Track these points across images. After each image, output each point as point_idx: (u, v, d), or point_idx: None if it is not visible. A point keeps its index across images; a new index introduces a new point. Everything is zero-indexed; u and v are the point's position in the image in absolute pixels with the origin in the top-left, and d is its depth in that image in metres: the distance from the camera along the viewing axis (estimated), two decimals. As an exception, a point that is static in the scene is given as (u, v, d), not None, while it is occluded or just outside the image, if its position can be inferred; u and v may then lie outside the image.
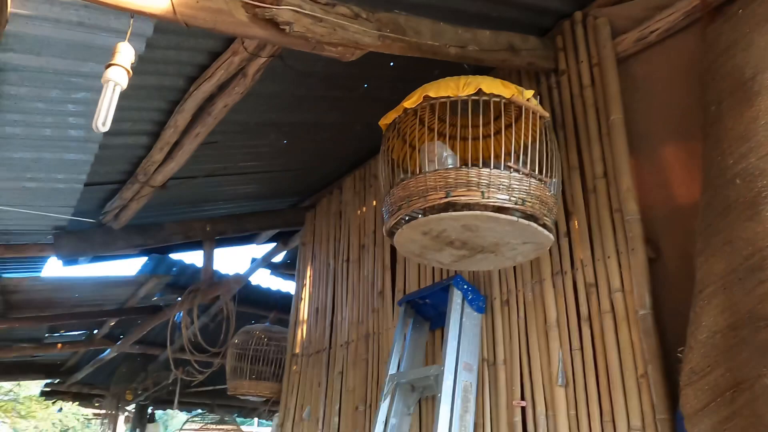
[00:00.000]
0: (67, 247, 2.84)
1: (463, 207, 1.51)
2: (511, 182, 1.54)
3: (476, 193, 1.50)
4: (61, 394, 6.07)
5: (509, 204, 1.53)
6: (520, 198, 1.54)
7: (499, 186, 1.53)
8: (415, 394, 2.34)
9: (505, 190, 1.53)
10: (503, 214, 1.54)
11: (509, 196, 1.53)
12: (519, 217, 1.54)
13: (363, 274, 3.05)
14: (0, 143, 1.99)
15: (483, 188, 1.51)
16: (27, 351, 4.44)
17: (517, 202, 1.53)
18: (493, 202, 1.51)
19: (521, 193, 1.54)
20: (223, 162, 2.81)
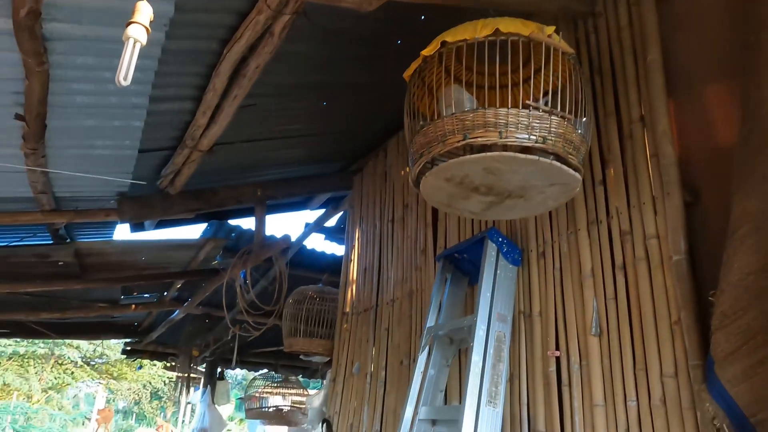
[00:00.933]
0: (129, 211, 3.04)
1: (481, 148, 1.49)
2: (531, 121, 1.48)
3: (494, 134, 1.46)
4: (140, 353, 6.60)
5: (529, 143, 1.48)
6: (541, 136, 1.48)
7: (518, 125, 1.47)
8: (453, 346, 2.37)
9: (524, 129, 1.48)
10: (523, 153, 1.50)
11: (529, 135, 1.47)
12: (540, 156, 1.50)
13: (407, 233, 3.09)
14: (60, 112, 2.14)
15: (501, 128, 1.47)
16: (105, 311, 4.83)
17: (538, 141, 1.48)
18: (511, 142, 1.47)
19: (542, 131, 1.48)
20: (263, 126, 2.90)
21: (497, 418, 1.89)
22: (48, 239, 3.46)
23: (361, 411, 3.05)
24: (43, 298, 4.43)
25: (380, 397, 2.91)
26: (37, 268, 3.66)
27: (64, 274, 3.81)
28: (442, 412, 2.23)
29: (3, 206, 2.94)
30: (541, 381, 1.99)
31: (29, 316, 4.64)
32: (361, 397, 3.12)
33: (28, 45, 1.66)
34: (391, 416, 2.78)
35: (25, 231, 3.38)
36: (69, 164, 2.61)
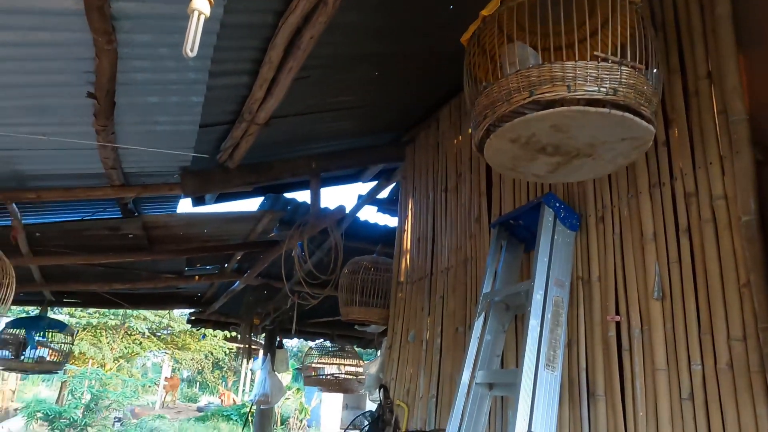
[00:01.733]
0: (191, 185, 3.17)
1: (549, 104, 1.45)
2: (600, 72, 1.43)
3: (562, 88, 1.42)
4: (203, 322, 6.92)
5: (599, 95, 1.42)
6: (611, 88, 1.42)
7: (587, 78, 1.42)
8: (510, 312, 2.38)
9: (593, 81, 1.42)
10: (593, 107, 1.45)
11: (598, 87, 1.42)
12: (611, 108, 1.44)
13: (460, 201, 3.09)
14: (126, 89, 2.24)
15: (569, 82, 1.42)
16: (171, 282, 5.09)
17: (608, 93, 1.42)
18: (580, 95, 1.41)
19: (612, 82, 1.43)
20: (317, 98, 2.94)
21: (555, 381, 1.89)
22: (118, 213, 3.66)
23: (417, 377, 3.12)
24: (115, 269, 4.70)
25: (436, 364, 2.96)
26: (109, 240, 3.89)
27: (133, 246, 4.03)
28: (499, 376, 2.25)
29: (77, 182, 3.12)
30: (601, 346, 1.98)
31: (103, 286, 4.95)
32: (416, 363, 3.18)
33: (98, 24, 1.74)
34: (447, 381, 2.83)
35: (97, 205, 3.58)
36: (135, 140, 2.73)
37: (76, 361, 16.88)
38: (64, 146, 2.62)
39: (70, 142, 2.54)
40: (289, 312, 5.10)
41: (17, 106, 2.26)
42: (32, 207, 3.50)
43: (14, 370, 4.89)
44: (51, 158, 2.82)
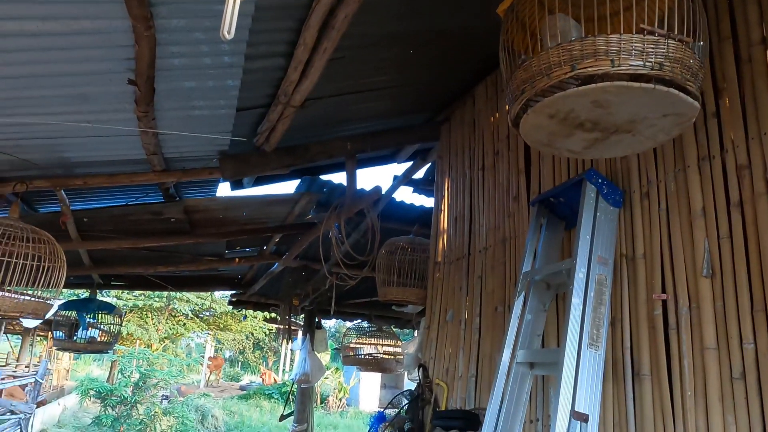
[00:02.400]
0: (230, 169, 3.21)
1: (588, 79, 1.41)
2: (645, 46, 1.36)
3: (605, 62, 1.37)
4: (244, 303, 7.08)
5: (644, 70, 1.36)
6: (657, 62, 1.36)
7: (632, 51, 1.36)
8: (551, 291, 2.35)
9: (638, 55, 1.36)
10: (637, 82, 1.40)
11: (643, 62, 1.36)
12: (656, 83, 1.38)
13: (498, 180, 3.05)
14: (164, 75, 2.27)
15: (613, 56, 1.37)
16: (212, 264, 5.21)
17: (654, 67, 1.35)
18: (624, 70, 1.36)
19: (658, 56, 1.36)
20: (351, 79, 2.92)
21: (599, 360, 1.86)
22: (160, 198, 3.75)
23: (456, 356, 3.12)
24: (159, 253, 4.84)
25: (475, 343, 2.96)
26: (153, 224, 4.00)
27: (175, 230, 4.13)
28: (540, 355, 2.23)
29: (120, 168, 3.21)
30: (646, 324, 1.93)
31: (148, 269, 5.10)
32: (455, 343, 3.18)
33: (136, 11, 1.77)
34: (487, 361, 2.82)
35: (140, 191, 3.68)
36: (175, 126, 2.78)
37: (125, 342, 17.58)
38: (107, 133, 2.68)
39: (113, 128, 2.61)
40: (328, 293, 5.16)
41: (62, 95, 2.32)
42: (79, 193, 3.62)
43: (68, 350, 5.12)
44: (95, 145, 2.89)
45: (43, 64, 2.06)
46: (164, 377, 10.48)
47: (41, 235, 2.81)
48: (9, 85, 2.13)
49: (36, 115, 2.43)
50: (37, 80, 2.14)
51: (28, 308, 2.70)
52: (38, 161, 2.92)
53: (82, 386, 11.23)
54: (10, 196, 3.31)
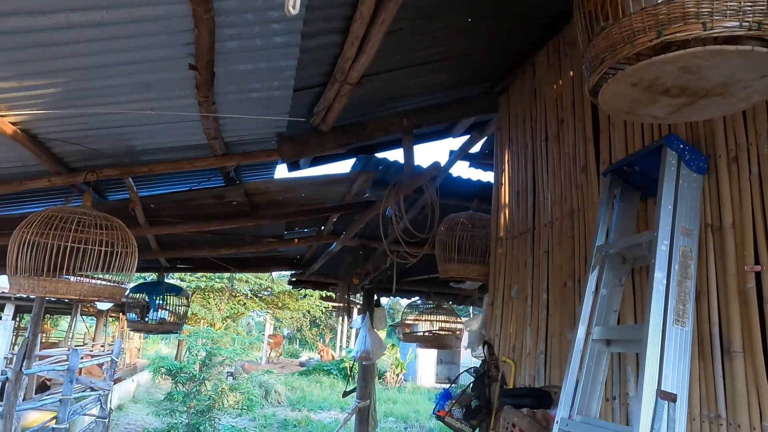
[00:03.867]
0: (288, 150, 3.22)
1: (681, 45, 1.29)
2: (741, 4, 1.24)
3: (696, 26, 1.25)
4: (303, 283, 7.20)
5: (741, 32, 1.24)
6: (755, 22, 1.23)
7: (725, 12, 1.24)
8: (627, 265, 2.23)
9: (733, 15, 1.24)
10: (733, 45, 1.28)
11: (740, 23, 1.23)
12: (755, 45, 1.26)
13: (563, 150, 2.92)
14: (222, 58, 2.26)
15: (704, 18, 1.25)
16: (273, 245, 5.30)
17: (751, 27, 1.23)
18: (718, 33, 1.24)
19: (756, 15, 1.24)
20: (408, 52, 2.85)
21: (686, 337, 1.76)
22: (221, 182, 3.82)
23: (523, 333, 3.05)
24: (222, 235, 4.96)
25: (543, 319, 2.88)
26: (215, 208, 4.08)
27: (237, 213, 4.20)
28: (618, 332, 2.14)
29: (183, 154, 3.27)
30: (736, 298, 1.80)
31: (211, 252, 5.25)
32: (522, 319, 3.10)
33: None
34: (556, 338, 2.74)
35: (202, 175, 3.75)
36: (234, 109, 2.79)
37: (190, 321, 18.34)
38: (170, 120, 2.73)
39: (175, 115, 2.64)
40: (389, 271, 5.16)
41: (127, 84, 2.36)
42: (145, 180, 3.73)
43: (140, 331, 5.36)
44: (158, 132, 2.95)
45: (108, 53, 2.09)
46: (229, 355, 10.87)
47: (113, 222, 2.90)
48: (78, 76, 2.18)
49: (103, 105, 2.49)
50: (103, 70, 2.18)
51: (105, 292, 2.81)
52: (106, 150, 3.01)
53: (154, 364, 11.82)
54: (82, 186, 3.44)
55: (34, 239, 2.70)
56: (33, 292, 2.66)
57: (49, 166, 2.98)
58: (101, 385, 8.39)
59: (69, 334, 14.91)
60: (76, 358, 7.08)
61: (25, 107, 2.36)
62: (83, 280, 2.80)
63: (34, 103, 2.36)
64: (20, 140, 2.55)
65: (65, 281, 2.74)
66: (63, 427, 6.85)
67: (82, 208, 2.88)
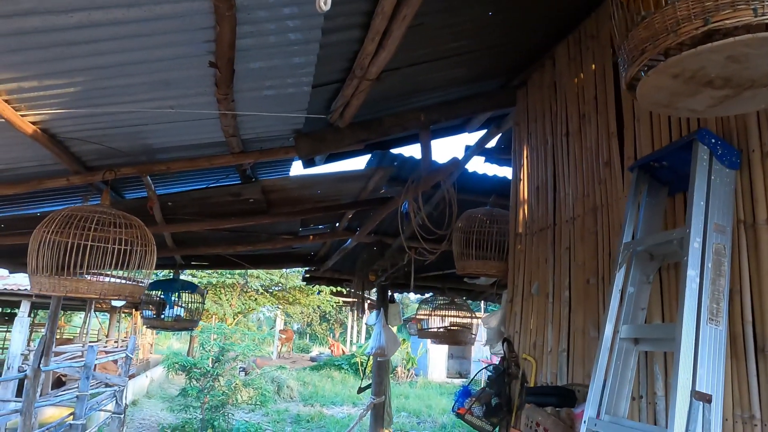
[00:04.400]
0: (305, 147, 3.20)
1: (725, 34, 1.24)
2: None
3: (746, 12, 1.19)
4: (318, 279, 7.20)
5: None
6: None
7: None
8: (654, 262, 2.19)
9: None
10: None
11: None
12: None
13: (585, 145, 2.87)
14: (244, 55, 2.24)
15: (755, 4, 1.20)
16: (288, 242, 5.29)
17: None
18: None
19: None
20: (429, 46, 2.81)
21: (720, 336, 1.72)
22: (237, 179, 3.80)
23: (544, 330, 3.01)
24: (238, 233, 4.96)
25: (565, 317, 2.84)
26: (232, 206, 4.07)
27: (254, 210, 4.19)
28: (646, 330, 2.10)
29: (200, 152, 3.26)
30: (772, 296, 1.76)
31: (227, 249, 5.25)
32: (542, 316, 3.07)
33: (219, -10, 1.73)
34: (579, 335, 2.71)
35: (219, 173, 3.74)
36: (252, 106, 2.77)
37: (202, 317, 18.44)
38: (188, 118, 2.71)
39: (194, 113, 2.62)
40: (405, 268, 5.13)
41: (146, 82, 2.34)
42: (162, 178, 3.72)
43: (156, 328, 5.39)
44: (176, 130, 2.94)
45: (128, 52, 2.07)
46: (242, 351, 10.92)
47: (132, 220, 2.89)
48: (98, 75, 2.17)
49: (122, 104, 2.48)
50: (123, 69, 2.17)
51: (125, 291, 2.81)
52: (123, 149, 3.00)
53: (168, 360, 11.89)
54: (99, 184, 3.44)
55: (54, 238, 2.69)
56: (54, 291, 2.66)
57: (68, 165, 2.98)
58: (116, 381, 8.45)
59: (83, 331, 15.05)
60: (92, 354, 7.13)
61: (44, 107, 2.35)
62: (103, 279, 2.80)
63: (54, 103, 2.35)
64: (40, 139, 2.54)
65: (86, 280, 2.74)
66: (80, 422, 6.91)
67: (101, 207, 2.88)
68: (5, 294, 10.61)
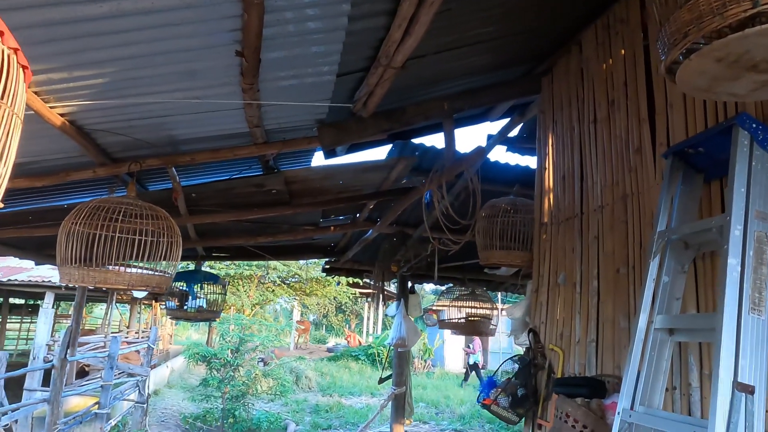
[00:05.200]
0: (328, 137, 3.18)
1: (767, 18, 1.20)
2: None
3: None
4: (337, 270, 7.21)
5: None
6: None
7: None
8: (689, 251, 2.14)
9: None
10: None
11: None
12: None
13: (615, 132, 2.82)
14: (270, 44, 2.21)
15: None
16: (308, 233, 5.29)
17: None
18: None
19: None
20: (456, 32, 2.77)
21: (762, 326, 1.67)
22: (259, 170, 3.80)
23: (572, 320, 2.98)
24: (259, 224, 4.97)
25: (594, 307, 2.80)
26: (255, 197, 4.08)
27: (276, 201, 4.19)
28: (682, 320, 2.06)
29: (223, 143, 3.26)
30: (816, 285, 1.71)
31: (248, 240, 5.27)
32: (569, 306, 3.03)
33: (247, -23, 1.71)
34: (609, 325, 2.67)
35: (242, 164, 3.74)
36: (276, 96, 2.75)
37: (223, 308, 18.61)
38: (213, 108, 2.70)
39: (218, 103, 2.62)
40: (428, 258, 5.11)
41: (173, 72, 2.34)
42: (185, 169, 3.73)
43: (179, 319, 5.44)
44: (201, 121, 2.94)
45: (157, 41, 2.07)
46: (262, 342, 11.00)
47: (158, 211, 2.91)
48: (127, 65, 2.17)
49: (149, 95, 2.48)
50: (151, 59, 2.16)
51: (153, 282, 2.83)
52: (149, 140, 3.01)
53: (189, 351, 12.03)
54: (125, 176, 3.46)
55: (82, 229, 2.72)
56: (83, 282, 2.69)
57: (94, 156, 2.99)
58: (139, 371, 8.57)
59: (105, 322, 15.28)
60: (116, 345, 7.23)
61: (73, 98, 2.36)
62: (132, 271, 2.82)
63: (82, 94, 2.36)
64: (68, 131, 2.56)
65: (114, 271, 2.76)
66: (105, 412, 7.02)
67: (127, 198, 2.89)
68: (30, 286, 10.80)
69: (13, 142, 0.86)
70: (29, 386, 8.74)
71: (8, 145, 0.84)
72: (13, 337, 17.82)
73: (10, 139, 0.85)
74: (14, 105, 0.85)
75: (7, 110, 0.83)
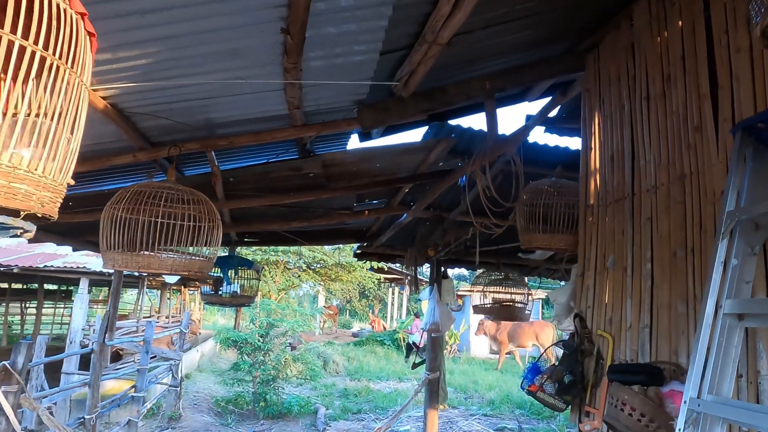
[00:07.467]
0: (368, 118, 3.10)
1: None
2: None
3: None
4: (369, 255, 7.16)
5: None
6: None
7: None
8: (760, 233, 2.02)
9: None
10: None
11: None
12: None
13: (670, 109, 2.68)
14: (316, 20, 2.14)
15: None
16: (343, 217, 5.24)
17: None
18: None
19: None
20: (502, 7, 2.65)
21: None
22: (296, 154, 3.75)
23: (622, 305, 2.87)
24: (295, 208, 4.93)
25: (647, 291, 2.69)
26: (292, 181, 4.03)
27: (313, 185, 4.14)
28: (753, 305, 1.95)
29: (260, 126, 3.20)
30: None
31: (282, 225, 5.24)
32: (619, 291, 2.93)
33: (299, -53, 1.63)
34: (665, 311, 2.56)
35: (279, 148, 3.69)
36: (317, 76, 2.68)
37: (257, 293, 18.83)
38: (254, 89, 2.65)
39: (260, 84, 2.56)
40: (468, 242, 5.02)
41: (215, 52, 2.28)
42: (221, 153, 3.70)
43: (214, 304, 5.46)
44: (240, 103, 2.88)
45: (200, 19, 2.01)
46: (291, 326, 11.08)
47: (198, 196, 2.88)
48: (170, 44, 2.11)
49: (191, 76, 2.43)
50: (195, 37, 2.11)
51: (195, 266, 2.81)
52: (187, 123, 2.97)
53: (220, 335, 12.19)
54: (162, 161, 3.44)
55: (124, 215, 2.70)
56: (127, 267, 2.68)
57: (134, 141, 2.97)
58: (172, 356, 8.70)
59: (137, 307, 15.56)
60: (150, 329, 7.33)
61: (116, 80, 2.32)
62: (174, 256, 2.80)
63: (125, 76, 2.32)
64: (110, 115, 2.53)
65: (156, 256, 2.74)
66: (141, 395, 7.15)
67: (168, 183, 2.87)
68: (65, 272, 11.02)
69: (82, 115, 0.81)
70: (67, 369, 8.95)
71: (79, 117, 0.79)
72: (47, 321, 18.29)
73: (80, 112, 0.79)
74: (83, 75, 0.79)
75: (77, 80, 0.78)
